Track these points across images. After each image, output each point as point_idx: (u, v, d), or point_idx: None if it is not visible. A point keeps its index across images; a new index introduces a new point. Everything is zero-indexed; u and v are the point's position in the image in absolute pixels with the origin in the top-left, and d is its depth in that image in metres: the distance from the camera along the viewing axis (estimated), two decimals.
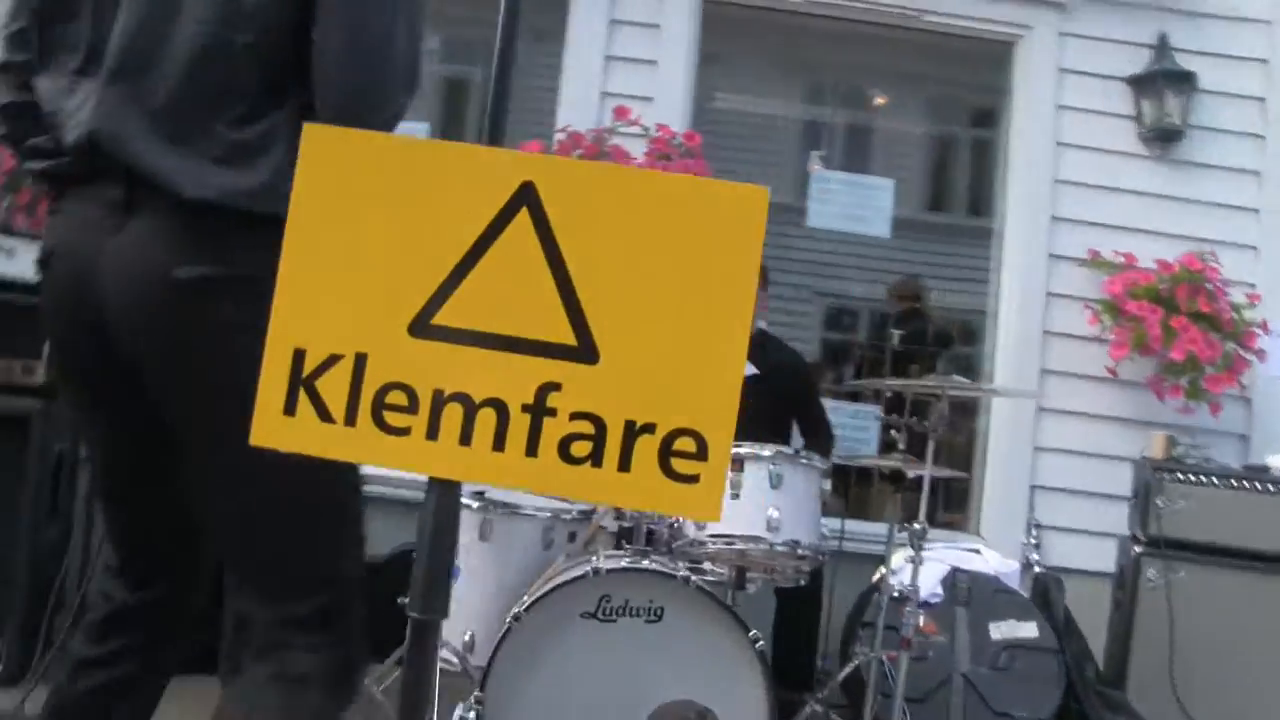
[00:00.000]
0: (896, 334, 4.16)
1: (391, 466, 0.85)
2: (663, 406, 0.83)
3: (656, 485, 0.83)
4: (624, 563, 2.47)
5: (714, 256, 0.84)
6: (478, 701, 2.35)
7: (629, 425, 0.83)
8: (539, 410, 0.84)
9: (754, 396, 3.27)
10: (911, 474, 2.95)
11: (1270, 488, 3.50)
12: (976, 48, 4.37)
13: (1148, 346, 3.71)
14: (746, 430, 3.19)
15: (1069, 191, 4.08)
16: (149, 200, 1.36)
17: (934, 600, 3.65)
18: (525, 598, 2.46)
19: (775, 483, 2.60)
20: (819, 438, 3.58)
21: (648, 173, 0.86)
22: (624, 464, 0.83)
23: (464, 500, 2.74)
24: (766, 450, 2.63)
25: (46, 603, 2.83)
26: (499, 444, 0.84)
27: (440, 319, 0.85)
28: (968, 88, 5.05)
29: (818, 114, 4.89)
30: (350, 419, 0.85)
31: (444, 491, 0.87)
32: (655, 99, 4.10)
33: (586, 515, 2.94)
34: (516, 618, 2.37)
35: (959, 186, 5.47)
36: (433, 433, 0.84)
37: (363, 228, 0.86)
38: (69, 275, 1.44)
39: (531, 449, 0.84)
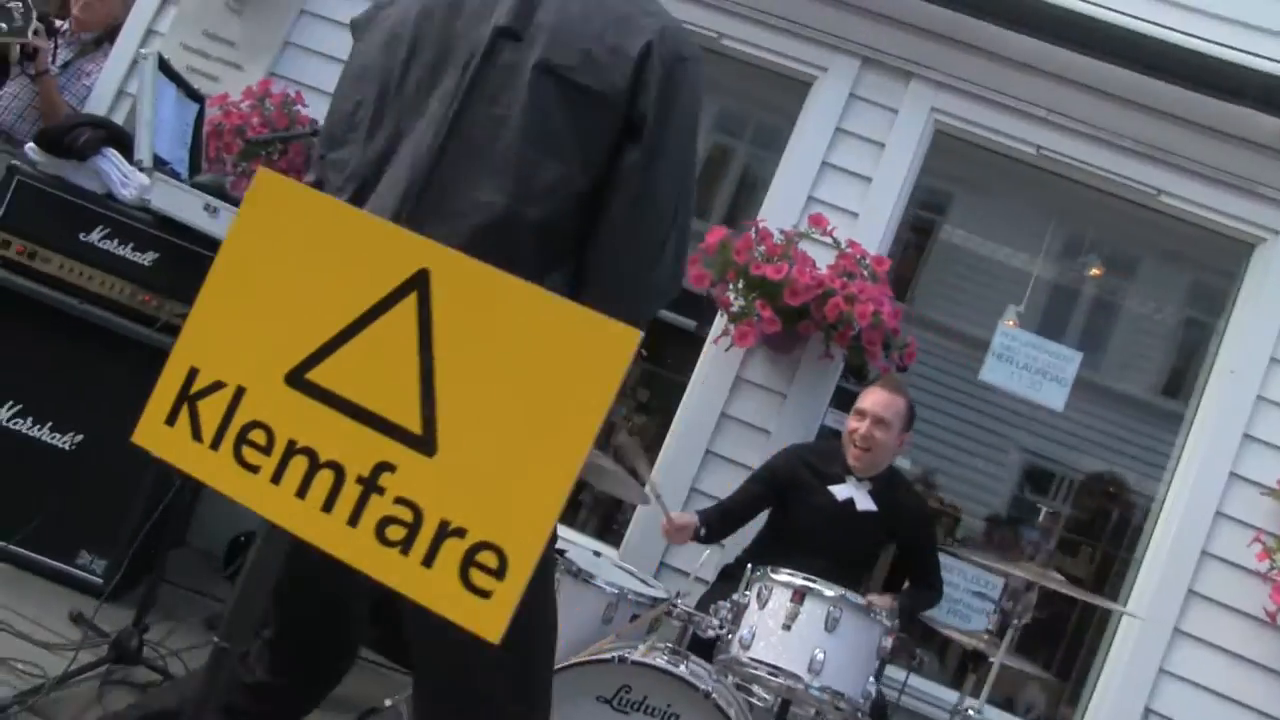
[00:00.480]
0: (1044, 510, 3.90)
1: (234, 497, 0.90)
2: (479, 516, 0.85)
3: (452, 589, 0.84)
4: (658, 660, 2.44)
5: (571, 384, 0.85)
6: None
7: (443, 524, 0.85)
8: (370, 485, 0.87)
9: (866, 532, 3.20)
10: (991, 658, 2.76)
11: None
12: (1212, 239, 4.09)
13: None
14: (844, 562, 3.13)
15: (1272, 413, 3.73)
16: None
17: None
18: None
19: (830, 626, 2.49)
20: (922, 590, 3.42)
21: (533, 289, 0.87)
22: (428, 559, 0.85)
23: None
24: (831, 591, 2.54)
25: (156, 529, 3.10)
26: (328, 506, 0.88)
27: (313, 375, 0.90)
28: (1194, 271, 4.72)
29: (1027, 265, 4.70)
30: (215, 443, 0.92)
31: (272, 534, 0.92)
32: (860, 215, 4.08)
33: (654, 601, 2.92)
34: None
35: (1157, 363, 5.11)
36: (277, 478, 0.90)
37: (278, 274, 0.93)
38: None
39: (354, 519, 0.87)
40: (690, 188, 1.60)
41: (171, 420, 0.93)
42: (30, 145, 3.33)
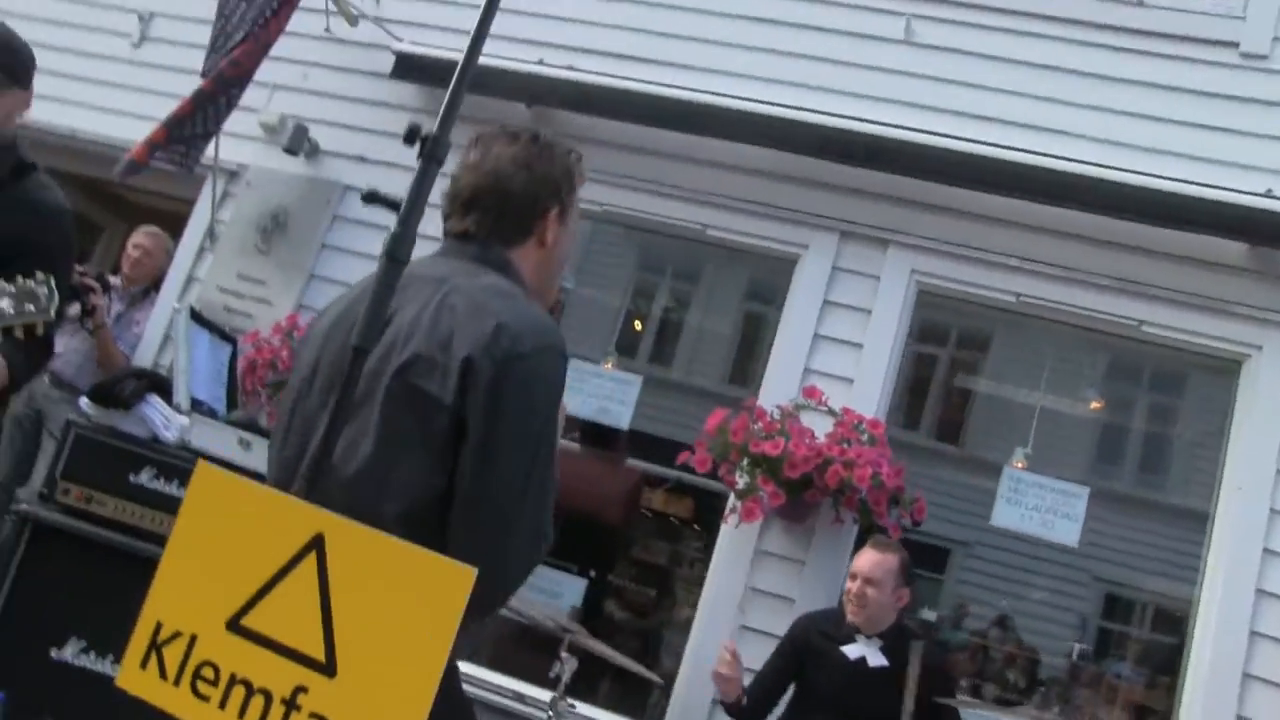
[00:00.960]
0: (1077, 647, 3.93)
1: None
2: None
3: None
4: None
5: (419, 620, 1.06)
6: None
7: None
8: (290, 704, 1.08)
9: (880, 687, 3.26)
10: None
11: None
12: (1201, 359, 4.22)
13: None
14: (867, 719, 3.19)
15: None
16: None
17: None
18: None
19: None
20: None
21: (392, 542, 1.10)
22: None
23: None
24: None
25: None
26: None
27: (246, 621, 1.13)
28: (1189, 398, 4.82)
29: (1027, 404, 4.84)
30: (177, 680, 1.14)
31: None
32: (855, 381, 4.28)
33: None
34: None
35: (1174, 478, 5.14)
36: (223, 704, 1.11)
37: (215, 543, 1.17)
38: None
39: None
40: (537, 480, 1.63)
41: (145, 665, 1.15)
42: (83, 400, 3.70)
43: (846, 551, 4.16)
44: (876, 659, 3.42)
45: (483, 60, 4.07)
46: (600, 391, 4.61)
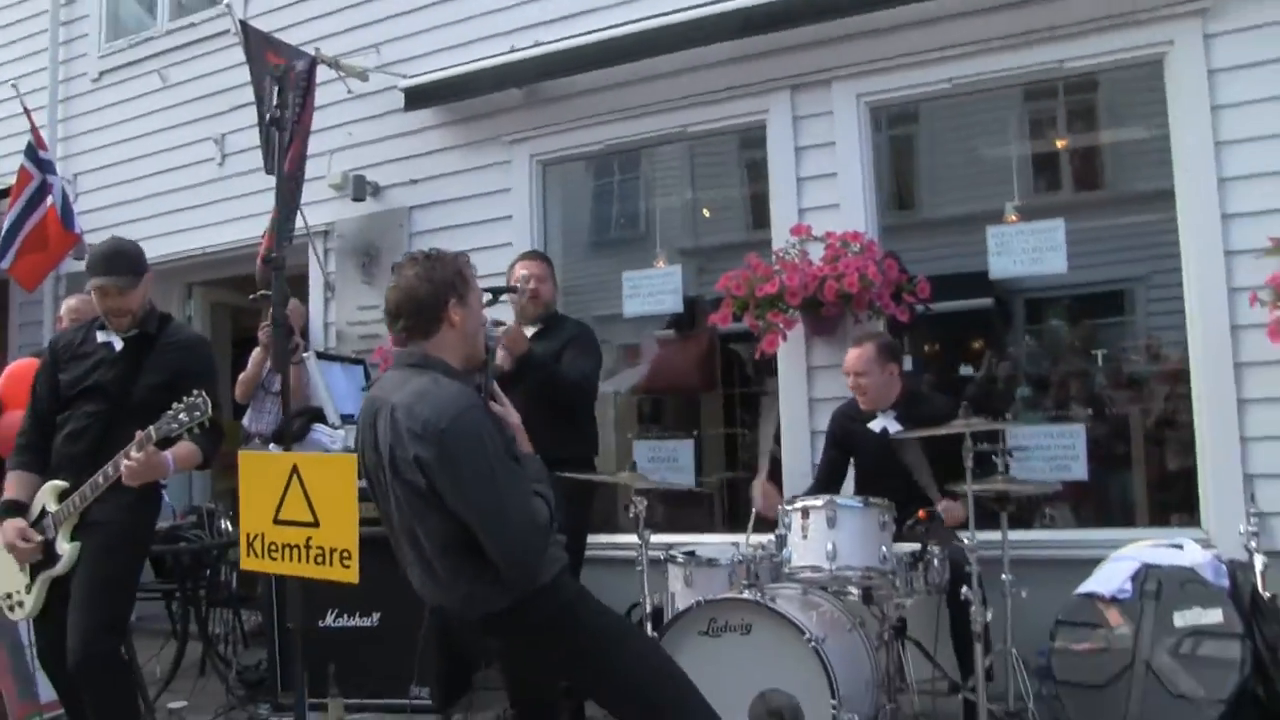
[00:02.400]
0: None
1: (279, 572, 2.15)
2: (332, 545, 2.05)
3: (336, 570, 2.05)
4: (726, 594, 3.47)
5: (339, 486, 2.04)
6: None
7: (321, 548, 2.06)
8: (308, 546, 2.10)
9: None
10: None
11: None
12: (1129, 74, 4.63)
13: None
14: (908, 478, 3.95)
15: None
16: None
17: (1123, 595, 4.01)
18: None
19: (831, 524, 3.43)
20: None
21: (316, 457, 2.08)
22: (320, 561, 2.06)
23: (677, 555, 3.90)
24: (820, 501, 3.48)
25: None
26: (298, 559, 2.10)
27: (279, 516, 2.15)
28: (1123, 107, 5.17)
29: (1002, 158, 5.32)
30: (261, 555, 2.18)
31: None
32: (840, 205, 4.97)
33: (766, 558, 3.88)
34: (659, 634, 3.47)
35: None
36: (284, 557, 2.13)
37: (258, 488, 2.20)
38: None
39: (304, 559, 2.09)
40: (507, 492, 2.40)
41: (249, 554, 2.19)
42: (271, 445, 4.94)
43: None
44: (894, 426, 4.14)
45: (465, 66, 5.02)
46: (648, 288, 5.47)
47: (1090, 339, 5.38)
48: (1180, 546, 4.13)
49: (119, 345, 3.65)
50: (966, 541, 3.56)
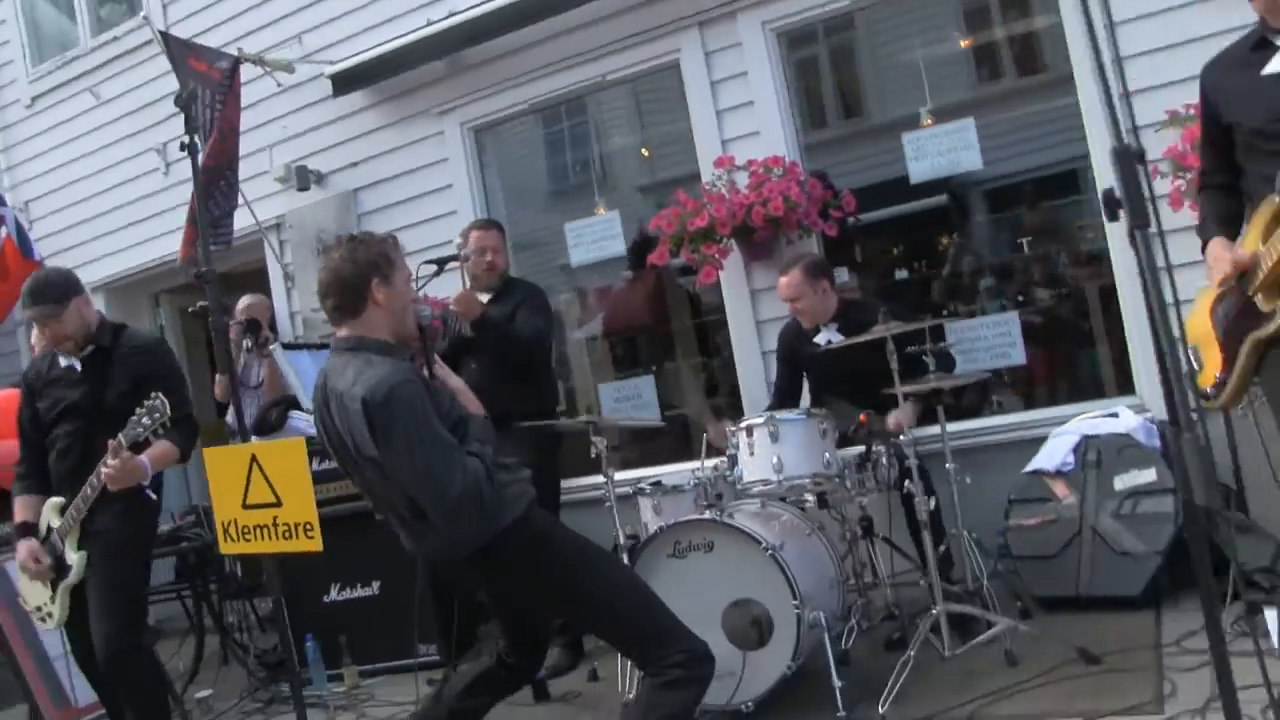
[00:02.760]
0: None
1: (250, 552, 2.37)
2: (294, 520, 2.27)
3: (301, 541, 2.27)
4: (686, 517, 3.70)
5: (293, 469, 2.26)
6: None
7: (288, 524, 2.28)
8: (275, 525, 2.32)
9: (848, 357, 4.21)
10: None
11: None
12: None
13: None
14: (857, 387, 4.16)
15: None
16: None
17: (1066, 468, 4.26)
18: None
19: (775, 438, 3.65)
20: (944, 364, 4.24)
21: (269, 444, 2.28)
22: (288, 535, 2.27)
23: (644, 487, 4.13)
24: (761, 418, 3.71)
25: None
26: (266, 536, 2.32)
27: (247, 502, 2.36)
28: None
29: (910, 64, 5.45)
30: (237, 538, 2.40)
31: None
32: (761, 132, 5.13)
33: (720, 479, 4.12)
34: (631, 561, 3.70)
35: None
36: (254, 538, 2.36)
37: (225, 478, 2.41)
38: None
39: (270, 535, 2.31)
40: (433, 454, 2.62)
41: (225, 540, 2.41)
42: (253, 437, 5.14)
43: None
44: (836, 337, 4.33)
45: (386, 45, 5.15)
46: (591, 236, 5.65)
47: (1018, 229, 5.57)
48: (1116, 415, 4.38)
49: (79, 366, 3.87)
50: (904, 436, 3.78)
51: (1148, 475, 4.07)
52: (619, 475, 4.40)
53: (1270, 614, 3.41)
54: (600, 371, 6.43)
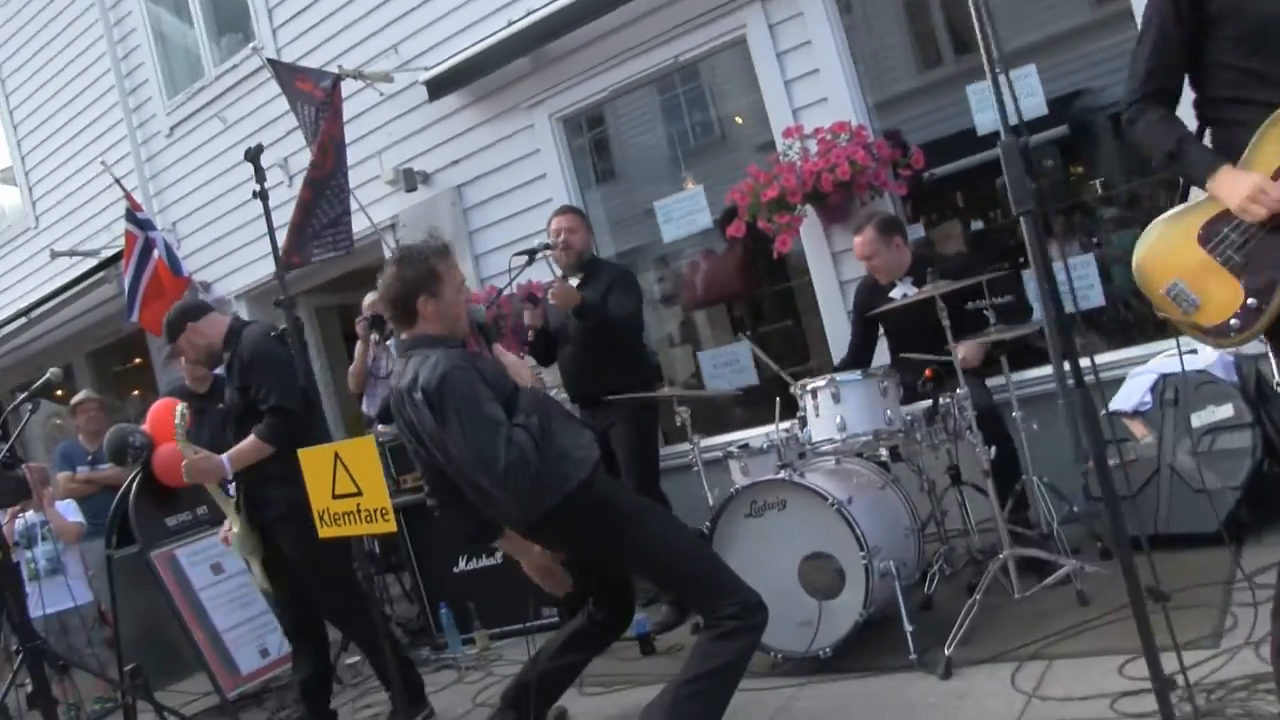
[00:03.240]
0: None
1: (343, 534, 2.75)
2: (373, 508, 2.62)
3: (379, 524, 2.63)
4: (758, 479, 3.93)
5: (370, 463, 2.61)
6: None
7: (370, 509, 2.63)
8: (358, 511, 2.69)
9: (922, 310, 4.33)
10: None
11: None
12: None
13: None
14: (928, 338, 4.29)
15: None
16: None
17: (1144, 408, 4.29)
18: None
19: (837, 399, 3.84)
20: (1008, 316, 4.33)
21: (349, 442, 2.63)
22: (369, 520, 2.63)
23: (733, 450, 4.38)
24: (823, 380, 3.89)
25: None
26: (351, 522, 2.69)
27: (335, 492, 2.73)
28: None
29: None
30: (332, 524, 2.78)
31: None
32: (829, 99, 5.25)
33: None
34: (709, 526, 3.96)
35: None
36: (345, 523, 2.73)
37: (316, 472, 2.78)
38: None
39: (352, 521, 2.68)
40: (482, 432, 2.93)
41: (321, 525, 2.80)
42: (378, 426, 5.62)
43: None
44: (910, 291, 4.44)
45: (473, 48, 5.53)
46: (679, 212, 5.87)
47: (1096, 168, 5.49)
48: (1195, 351, 4.36)
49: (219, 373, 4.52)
50: (960, 390, 3.90)
51: (1225, 411, 4.07)
52: (714, 440, 4.67)
53: None
54: (701, 340, 6.68)
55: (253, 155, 3.87)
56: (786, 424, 4.22)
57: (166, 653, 5.61)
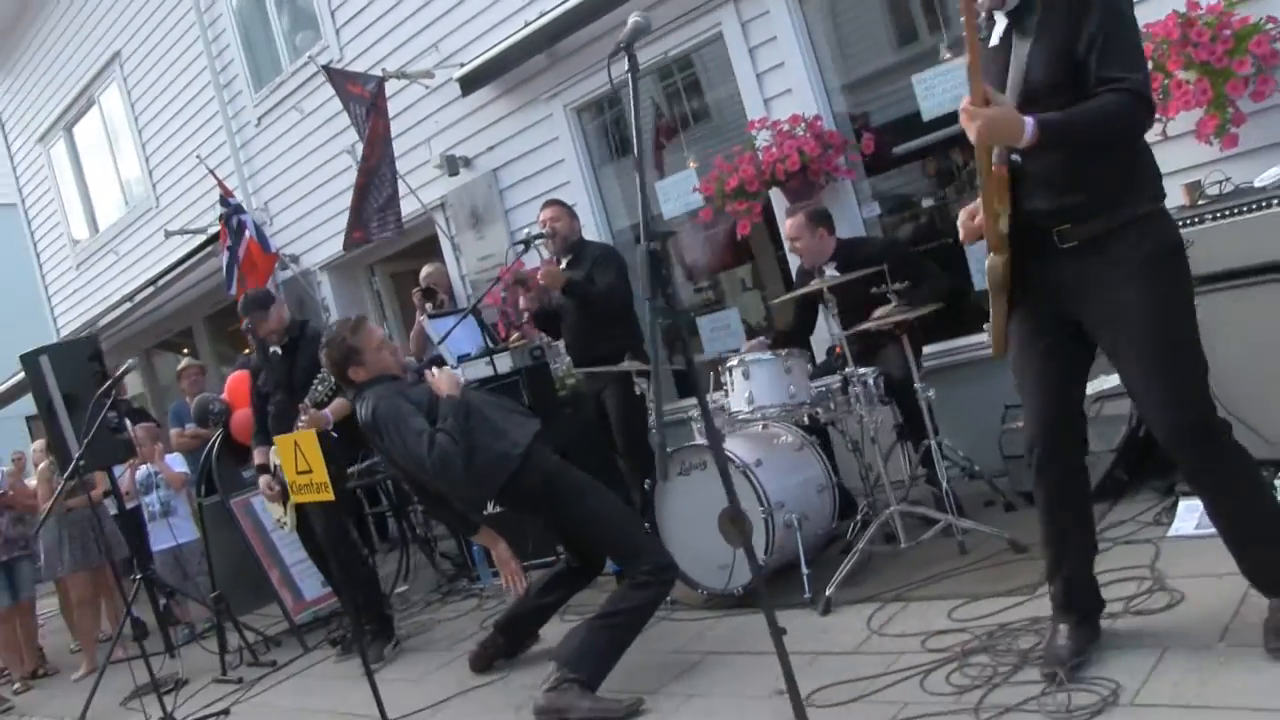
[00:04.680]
0: None
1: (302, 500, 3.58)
2: None
3: None
4: (685, 444, 4.61)
5: (315, 450, 3.42)
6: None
7: None
8: (317, 485, 3.51)
9: (846, 292, 4.90)
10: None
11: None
12: None
13: None
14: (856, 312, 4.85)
15: None
16: None
17: None
18: None
19: (746, 375, 4.46)
20: (922, 288, 4.82)
21: (303, 433, 3.43)
22: None
23: (693, 414, 5.08)
24: (734, 360, 4.51)
25: None
26: (316, 491, 3.52)
27: (300, 469, 3.55)
28: None
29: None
30: (296, 493, 3.62)
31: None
32: (793, 89, 5.75)
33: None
34: (652, 484, 4.68)
35: None
36: (306, 491, 3.57)
37: (291, 456, 3.61)
38: None
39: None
40: (410, 444, 3.84)
41: (296, 491, 3.64)
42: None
43: (851, 202, 5.69)
44: (833, 274, 4.99)
45: (497, 47, 6.33)
46: (676, 192, 6.45)
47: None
48: None
49: (280, 352, 5.51)
50: (849, 368, 4.46)
51: (1112, 380, 4.50)
52: (688, 402, 5.36)
53: (1185, 504, 3.90)
54: (699, 307, 7.31)
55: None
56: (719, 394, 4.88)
57: (252, 583, 6.69)
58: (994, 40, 2.81)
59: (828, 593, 4.13)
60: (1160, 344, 2.61)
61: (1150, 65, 4.12)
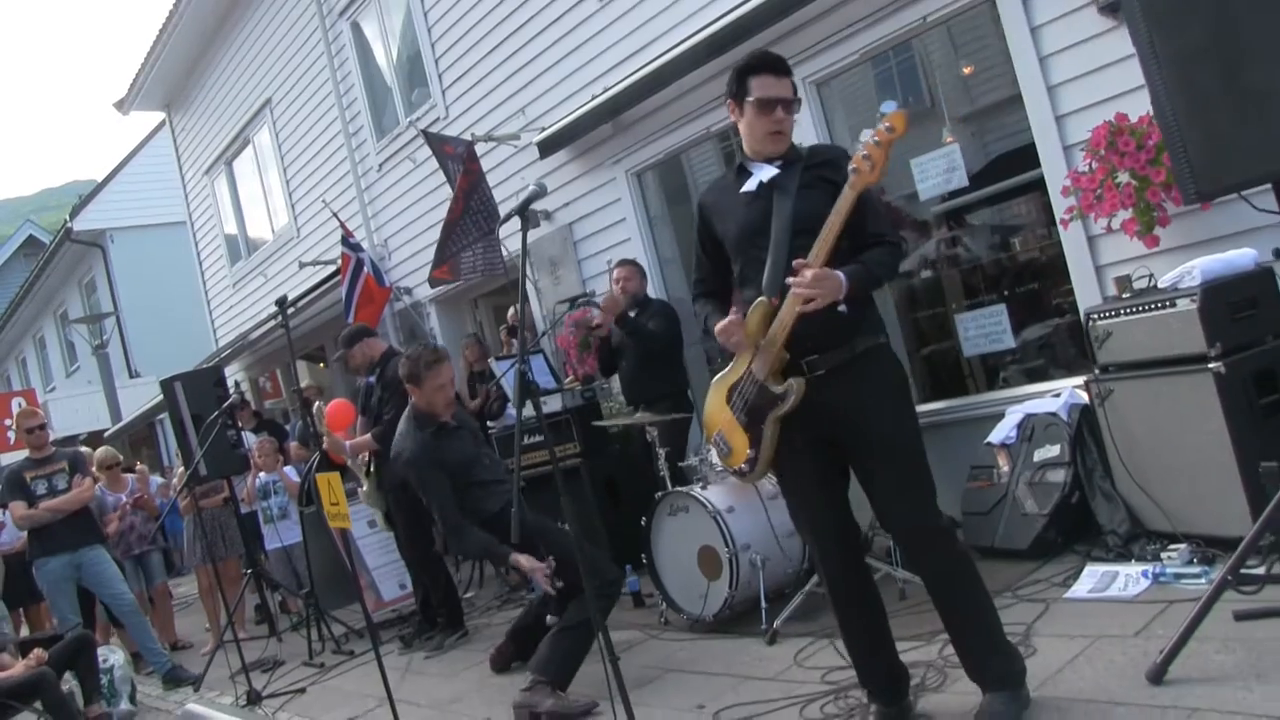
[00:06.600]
0: None
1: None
2: None
3: None
4: (678, 489, 5.35)
5: (337, 489, 4.34)
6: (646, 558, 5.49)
7: None
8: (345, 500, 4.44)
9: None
10: None
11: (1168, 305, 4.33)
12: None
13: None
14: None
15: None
16: None
17: (1009, 441, 5.25)
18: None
19: None
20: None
21: (329, 475, 4.36)
22: None
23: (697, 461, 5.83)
24: None
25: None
26: None
27: (332, 498, 4.48)
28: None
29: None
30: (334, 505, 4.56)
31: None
32: None
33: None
34: (647, 521, 5.45)
35: None
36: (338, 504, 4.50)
37: (328, 489, 4.56)
38: None
39: None
40: (442, 505, 4.94)
41: (333, 520, 4.57)
42: (489, 421, 7.43)
43: None
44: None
45: (569, 116, 7.33)
46: None
47: (1003, 234, 6.30)
48: (1059, 395, 5.23)
49: (373, 381, 6.63)
50: None
51: (1055, 449, 5.00)
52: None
53: (1088, 569, 4.41)
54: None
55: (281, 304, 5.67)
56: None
57: (344, 583, 7.77)
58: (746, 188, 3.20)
59: (775, 625, 4.80)
60: (902, 460, 3.17)
61: (1094, 165, 4.72)
